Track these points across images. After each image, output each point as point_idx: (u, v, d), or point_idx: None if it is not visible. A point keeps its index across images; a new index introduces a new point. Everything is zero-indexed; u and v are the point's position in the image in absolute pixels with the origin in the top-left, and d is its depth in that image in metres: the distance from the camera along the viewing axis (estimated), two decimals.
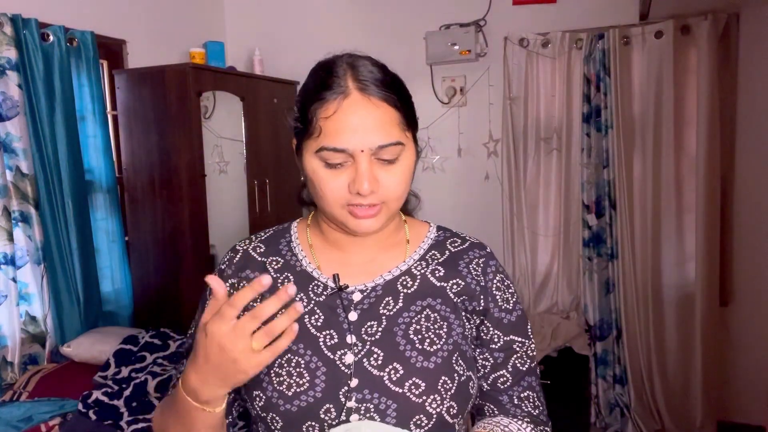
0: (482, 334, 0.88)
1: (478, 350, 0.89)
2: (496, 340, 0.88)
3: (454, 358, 0.83)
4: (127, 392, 2.07)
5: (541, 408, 0.91)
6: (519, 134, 3.09)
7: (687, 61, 2.78)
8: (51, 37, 2.44)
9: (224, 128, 3.09)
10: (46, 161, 2.41)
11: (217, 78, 2.91)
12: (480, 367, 0.89)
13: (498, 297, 0.89)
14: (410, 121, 0.84)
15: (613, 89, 2.83)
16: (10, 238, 2.31)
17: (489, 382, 0.89)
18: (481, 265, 0.90)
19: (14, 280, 2.33)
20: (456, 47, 3.08)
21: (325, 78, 0.80)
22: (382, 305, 0.85)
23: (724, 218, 2.84)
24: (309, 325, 0.84)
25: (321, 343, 0.82)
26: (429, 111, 3.24)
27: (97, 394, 2.05)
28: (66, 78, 2.49)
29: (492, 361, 0.89)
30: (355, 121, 0.78)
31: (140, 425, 1.95)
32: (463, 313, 0.87)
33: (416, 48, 3.22)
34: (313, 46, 3.50)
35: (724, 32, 2.71)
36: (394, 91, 0.82)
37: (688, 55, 2.78)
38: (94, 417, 1.98)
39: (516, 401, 0.89)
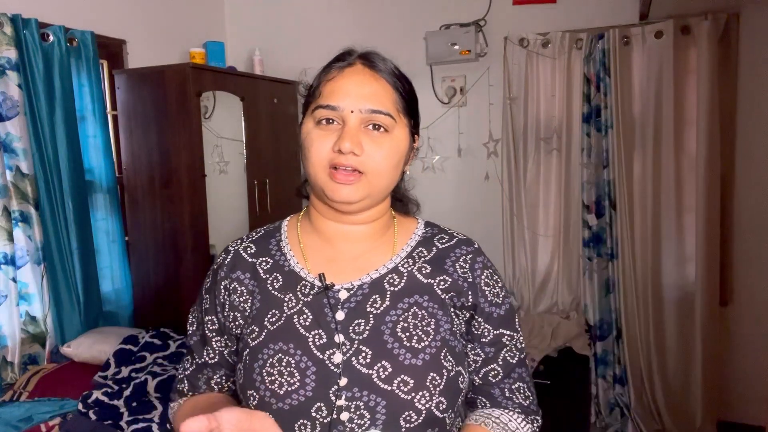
0: (473, 329, 0.90)
1: (469, 345, 0.90)
2: (486, 334, 0.90)
3: (442, 354, 0.83)
4: (127, 392, 2.07)
5: (531, 398, 0.93)
6: (519, 134, 3.09)
7: (687, 61, 2.78)
8: (51, 37, 2.44)
9: (224, 128, 3.09)
10: (46, 161, 2.41)
11: (217, 78, 2.91)
12: (471, 362, 0.90)
13: (487, 292, 0.90)
14: (409, 110, 0.88)
15: (613, 89, 2.83)
16: (10, 238, 2.31)
17: (480, 375, 0.91)
18: (469, 261, 0.90)
19: (14, 280, 2.33)
20: (456, 47, 3.08)
21: (338, 56, 0.88)
22: (369, 303, 0.86)
23: (724, 218, 2.83)
24: (298, 325, 0.85)
25: (310, 343, 0.83)
26: (429, 111, 3.24)
27: (97, 394, 2.05)
28: (66, 78, 2.49)
29: (483, 356, 0.90)
30: (351, 85, 0.84)
31: (140, 425, 1.95)
32: (452, 309, 0.88)
33: (416, 48, 3.22)
34: (313, 46, 3.53)
35: (724, 32, 2.71)
36: (400, 80, 0.88)
37: (688, 55, 2.77)
38: (94, 417, 1.98)
39: (507, 393, 0.91)
